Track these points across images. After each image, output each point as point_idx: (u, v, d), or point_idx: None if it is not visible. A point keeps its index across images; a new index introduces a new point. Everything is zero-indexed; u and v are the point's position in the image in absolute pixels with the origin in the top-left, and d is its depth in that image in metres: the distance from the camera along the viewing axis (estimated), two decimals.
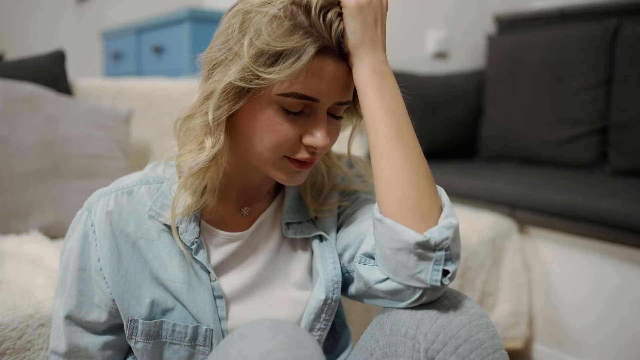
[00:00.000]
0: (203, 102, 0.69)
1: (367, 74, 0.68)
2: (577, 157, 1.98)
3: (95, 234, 0.74)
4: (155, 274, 0.75)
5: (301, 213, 0.83)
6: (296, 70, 0.64)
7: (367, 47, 0.68)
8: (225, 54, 0.67)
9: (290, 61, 0.64)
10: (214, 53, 0.69)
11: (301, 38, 0.64)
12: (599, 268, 1.49)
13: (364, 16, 0.67)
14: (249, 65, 0.65)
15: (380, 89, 0.69)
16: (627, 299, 1.44)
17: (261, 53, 0.65)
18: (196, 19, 1.93)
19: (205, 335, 0.75)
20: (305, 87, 0.66)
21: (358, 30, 0.67)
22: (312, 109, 0.70)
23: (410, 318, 0.67)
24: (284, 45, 0.64)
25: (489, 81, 2.28)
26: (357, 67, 0.69)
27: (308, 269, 0.83)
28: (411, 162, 0.68)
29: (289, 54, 0.64)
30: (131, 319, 0.74)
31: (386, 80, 0.69)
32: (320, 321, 0.79)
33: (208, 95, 0.68)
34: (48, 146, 1.27)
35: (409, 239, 0.64)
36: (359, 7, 0.67)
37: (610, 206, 1.40)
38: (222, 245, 0.79)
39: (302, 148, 0.71)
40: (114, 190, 0.77)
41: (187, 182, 0.72)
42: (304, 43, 0.64)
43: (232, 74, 0.65)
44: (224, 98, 0.67)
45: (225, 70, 0.67)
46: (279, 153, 0.70)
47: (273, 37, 0.64)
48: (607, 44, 1.92)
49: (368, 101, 0.69)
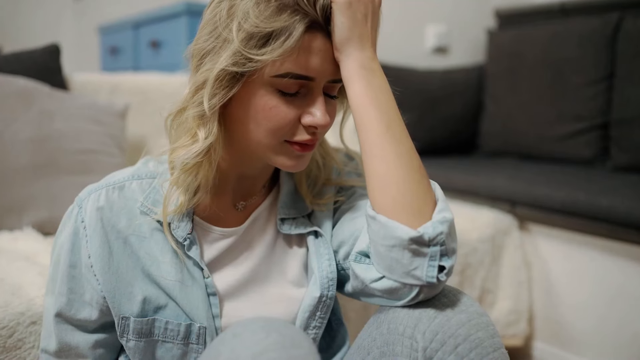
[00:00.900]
0: (195, 94, 0.67)
1: (355, 70, 0.67)
2: (577, 153, 1.96)
3: (86, 230, 0.73)
4: (147, 271, 0.73)
5: (296, 208, 0.81)
6: (288, 48, 0.63)
7: (354, 43, 0.67)
8: (214, 43, 0.66)
9: (281, 40, 0.63)
10: (201, 44, 0.68)
11: (289, 17, 0.63)
12: (599, 265, 1.48)
13: (352, 11, 0.66)
14: (240, 49, 0.63)
15: (368, 83, 0.67)
16: (628, 297, 1.43)
17: (251, 36, 0.63)
18: (193, 12, 1.91)
19: (199, 333, 0.74)
20: (299, 66, 0.65)
21: (346, 26, 0.66)
22: (308, 89, 0.68)
23: (408, 316, 0.66)
24: (272, 26, 0.63)
25: (489, 76, 2.26)
26: (344, 63, 0.68)
27: (304, 265, 0.82)
28: (403, 157, 0.66)
29: (279, 34, 0.63)
30: (122, 316, 0.72)
31: (375, 75, 0.68)
32: (315, 319, 0.78)
33: (200, 86, 0.67)
34: (43, 141, 1.25)
35: (403, 235, 0.62)
36: (348, 2, 0.65)
37: (611, 203, 1.39)
38: (216, 242, 0.77)
39: (302, 129, 0.70)
40: (104, 186, 0.75)
41: (179, 179, 0.71)
42: (292, 21, 0.63)
43: (224, 59, 0.64)
44: (218, 85, 0.65)
45: (215, 58, 0.66)
46: (278, 137, 0.69)
47: (261, 19, 0.63)
48: (609, 38, 1.90)
49: (356, 96, 0.68)
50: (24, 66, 1.40)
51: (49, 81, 1.39)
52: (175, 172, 0.70)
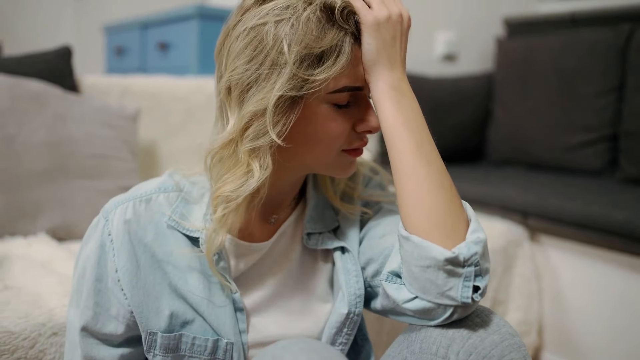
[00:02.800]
0: (247, 127, 0.66)
1: (385, 91, 0.68)
2: (586, 164, 1.96)
3: (113, 244, 0.71)
4: (174, 286, 0.72)
5: (323, 222, 0.81)
6: (342, 63, 0.65)
7: (383, 64, 0.67)
8: (257, 71, 0.65)
9: (334, 57, 0.64)
10: (240, 75, 0.66)
11: (336, 34, 0.65)
12: (609, 277, 1.48)
13: (381, 33, 0.66)
14: (296, 72, 0.63)
15: (398, 104, 0.68)
16: (638, 309, 1.43)
17: (304, 57, 0.63)
18: (205, 16, 1.90)
19: (226, 348, 0.73)
20: (352, 79, 0.67)
21: (374, 47, 0.66)
22: (356, 97, 0.70)
23: (442, 336, 0.65)
24: (323, 45, 0.64)
25: (497, 84, 2.26)
26: (373, 85, 0.68)
27: (329, 280, 0.81)
28: (434, 177, 0.66)
29: (330, 51, 0.64)
30: (150, 331, 0.71)
31: (404, 96, 0.68)
32: (342, 335, 0.77)
33: (254, 118, 0.65)
34: (56, 145, 1.24)
35: (438, 256, 0.62)
36: (376, 24, 0.66)
37: (626, 216, 1.39)
38: (244, 257, 0.76)
39: (355, 136, 0.72)
40: (131, 198, 0.74)
41: (228, 218, 0.68)
42: (340, 37, 0.65)
43: (281, 85, 0.63)
44: (279, 112, 0.64)
45: (266, 86, 0.64)
46: (337, 149, 0.71)
47: (312, 39, 0.63)
48: (620, 49, 1.90)
49: (386, 117, 0.68)
50: (36, 68, 1.39)
51: (60, 83, 1.38)
52: (221, 208, 0.68)
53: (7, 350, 0.77)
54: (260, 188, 0.74)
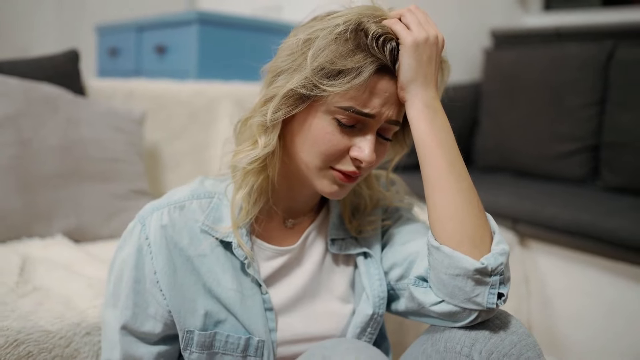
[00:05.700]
0: (263, 105, 0.73)
1: (420, 109, 0.72)
2: (570, 172, 2.04)
3: (150, 247, 0.75)
4: (208, 287, 0.76)
5: (345, 230, 0.86)
6: (355, 85, 0.69)
7: (419, 83, 0.72)
8: (290, 64, 0.72)
9: (350, 77, 0.69)
10: (279, 63, 0.73)
11: (362, 58, 0.69)
12: (597, 283, 1.54)
13: (419, 53, 0.71)
14: (310, 77, 0.69)
15: (432, 123, 0.72)
16: (623, 312, 1.50)
17: (323, 68, 0.69)
18: (205, 21, 1.92)
19: (257, 346, 0.77)
20: (361, 103, 0.71)
21: (412, 67, 0.71)
22: (364, 125, 0.73)
23: (465, 336, 0.71)
24: (345, 64, 0.69)
25: (484, 94, 2.34)
26: (409, 102, 0.73)
27: (350, 282, 0.86)
28: (464, 192, 0.71)
29: (349, 72, 0.69)
30: (187, 330, 0.75)
31: (437, 114, 0.73)
32: (365, 335, 0.82)
33: (269, 99, 0.72)
34: (69, 148, 1.26)
35: (468, 266, 0.67)
36: (415, 45, 0.70)
37: (617, 225, 1.45)
38: (271, 259, 0.81)
39: (348, 160, 0.74)
40: (166, 205, 0.78)
41: (242, 181, 0.76)
42: (364, 63, 0.69)
43: (295, 81, 0.70)
44: (284, 102, 0.71)
45: (288, 78, 0.71)
46: (326, 161, 0.74)
47: (336, 56, 0.69)
48: (603, 65, 1.99)
49: (422, 135, 0.72)
50: (45, 72, 1.40)
51: (68, 86, 1.40)
52: (237, 174, 0.77)
53: (46, 348, 0.80)
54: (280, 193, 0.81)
